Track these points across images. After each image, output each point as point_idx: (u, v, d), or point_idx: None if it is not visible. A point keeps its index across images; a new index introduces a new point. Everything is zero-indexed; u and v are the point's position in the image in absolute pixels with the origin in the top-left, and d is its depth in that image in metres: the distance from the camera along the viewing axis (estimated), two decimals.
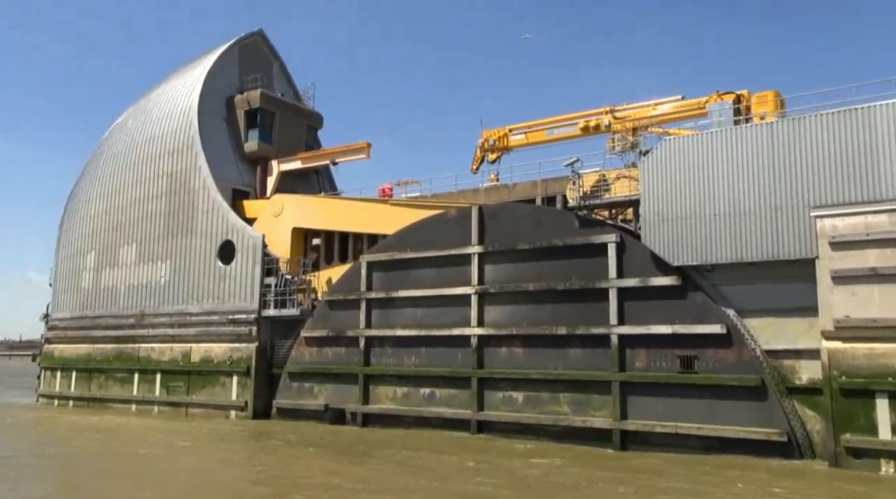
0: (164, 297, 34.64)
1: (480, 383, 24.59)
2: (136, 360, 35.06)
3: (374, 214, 30.47)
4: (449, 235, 26.22)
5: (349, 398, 27.82)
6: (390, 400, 26.84)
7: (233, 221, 32.77)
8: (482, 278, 25.20)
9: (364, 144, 34.16)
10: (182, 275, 34.06)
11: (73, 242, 40.25)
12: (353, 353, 28.11)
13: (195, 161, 34.80)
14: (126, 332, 35.85)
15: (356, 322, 28.10)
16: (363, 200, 31.41)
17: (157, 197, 36.01)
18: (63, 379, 38.41)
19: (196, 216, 34.09)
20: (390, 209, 30.07)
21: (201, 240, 33.67)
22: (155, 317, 34.78)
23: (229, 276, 32.37)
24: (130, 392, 34.91)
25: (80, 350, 37.85)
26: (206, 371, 32.22)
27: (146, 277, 35.58)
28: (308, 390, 29.20)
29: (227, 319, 31.90)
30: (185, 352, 33.22)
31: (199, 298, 33.20)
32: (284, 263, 32.05)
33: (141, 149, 37.50)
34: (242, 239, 32.19)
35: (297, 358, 29.74)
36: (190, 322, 33.31)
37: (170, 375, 33.54)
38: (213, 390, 31.84)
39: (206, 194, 33.97)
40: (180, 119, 36.06)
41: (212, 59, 37.81)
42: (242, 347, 31.27)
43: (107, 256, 37.78)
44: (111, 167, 38.98)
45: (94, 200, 39.52)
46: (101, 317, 37.23)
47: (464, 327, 25.22)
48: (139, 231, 36.43)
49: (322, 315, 29.32)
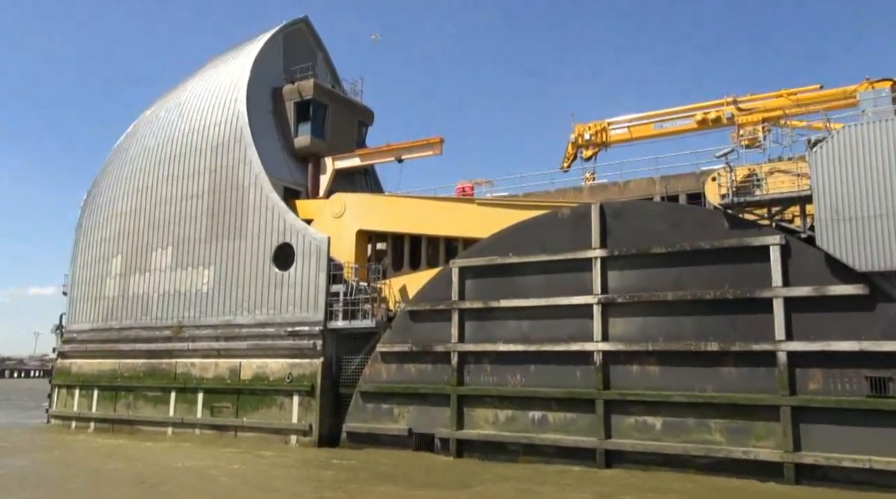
0: (206, 306, 30.97)
1: (607, 407, 21.45)
2: (173, 377, 31.26)
3: (457, 216, 27.31)
4: (561, 238, 23.18)
5: (438, 422, 24.47)
6: (491, 425, 23.54)
7: (291, 222, 29.33)
8: (605, 286, 22.15)
9: (436, 139, 31.03)
10: (229, 282, 30.46)
11: (95, 246, 36.36)
12: (442, 370, 24.80)
13: (244, 155, 31.34)
14: (160, 345, 32.05)
15: (446, 335, 24.83)
16: (444, 200, 28.22)
17: (197, 195, 32.41)
18: (83, 398, 34.36)
19: (246, 216, 30.58)
20: (478, 210, 26.95)
21: (253, 243, 30.15)
22: (196, 329, 31.06)
23: (287, 283, 28.87)
24: (166, 413, 31.06)
25: (104, 366, 33.89)
26: (259, 390, 28.59)
27: (184, 285, 31.87)
28: (386, 413, 25.76)
29: (285, 331, 28.37)
30: (234, 368, 29.56)
31: (251, 308, 29.62)
32: (349, 269, 28.71)
33: (177, 143, 33.92)
34: (303, 242, 28.76)
35: (373, 376, 26.31)
36: (239, 335, 29.68)
37: (215, 394, 29.81)
38: (269, 412, 28.20)
39: (259, 192, 30.50)
40: (225, 110, 32.60)
41: (257, 47, 34.49)
42: (305, 363, 27.74)
43: (136, 261, 33.99)
44: (141, 163, 35.28)
45: (120, 198, 35.74)
46: (129, 329, 33.37)
47: (584, 342, 22.11)
48: (176, 233, 32.75)
49: (402, 328, 25.97)
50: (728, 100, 24.85)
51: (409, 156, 31.80)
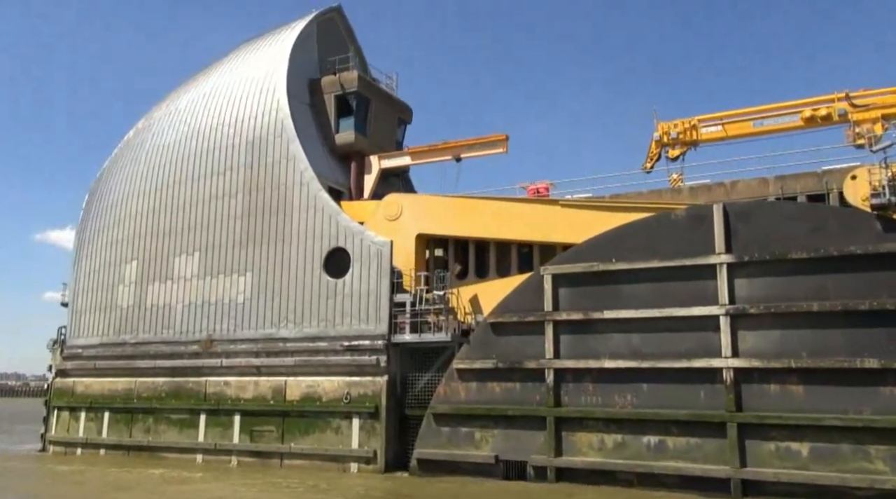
0: (242, 318, 27.72)
1: (741, 431, 19.12)
2: (203, 397, 27.85)
3: (537, 218, 24.87)
4: (675, 242, 20.89)
5: (531, 448, 21.81)
6: (596, 451, 20.98)
7: (345, 224, 26.40)
8: (733, 295, 19.91)
9: (501, 136, 28.53)
10: (270, 291, 27.31)
11: (103, 251, 32.67)
12: (533, 389, 22.18)
13: (286, 151, 28.32)
14: (186, 362, 28.61)
15: (538, 350, 22.25)
16: (521, 201, 25.70)
17: (229, 194, 29.21)
18: (90, 422, 30.55)
19: (290, 218, 27.52)
20: (561, 212, 24.57)
21: (299, 247, 27.10)
22: (230, 343, 27.77)
23: (342, 292, 25.91)
24: (194, 438, 27.60)
25: (117, 385, 30.20)
26: (310, 412, 25.46)
27: (215, 294, 28.55)
28: (466, 437, 22.97)
29: (341, 345, 25.36)
30: (278, 387, 26.36)
31: (297, 320, 26.51)
32: (409, 276, 25.96)
33: (204, 138, 30.66)
34: (361, 246, 25.87)
35: (448, 396, 23.51)
36: (284, 350, 26.53)
37: (255, 416, 26.54)
38: (323, 437, 25.09)
39: (306, 191, 27.50)
40: (263, 102, 29.55)
41: (293, 34, 31.56)
42: (366, 382, 24.78)
43: (155, 268, 30.50)
44: (159, 159, 31.85)
45: (133, 198, 32.20)
46: (147, 343, 29.81)
47: (710, 358, 19.79)
48: (203, 236, 29.44)
49: (483, 342, 23.28)
50: (839, 95, 23.06)
51: (469, 154, 29.18)
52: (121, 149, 34.87)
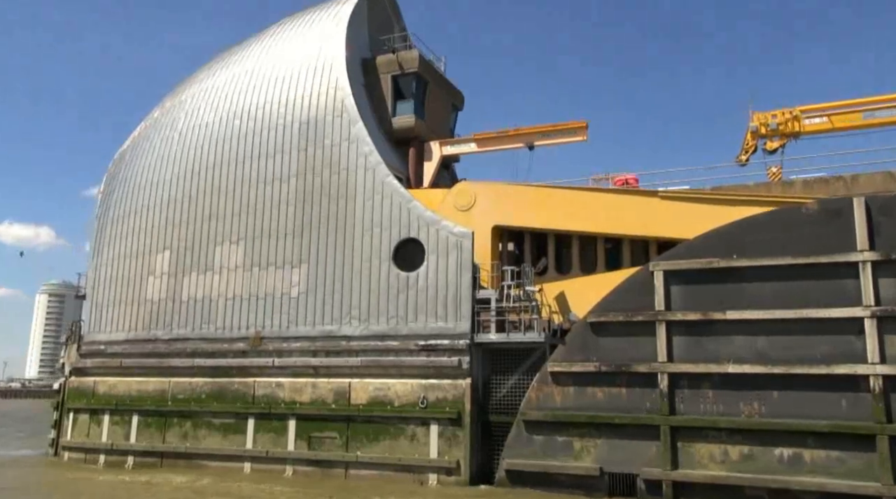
0: (297, 313, 25.27)
1: (893, 443, 17.54)
2: (251, 400, 25.30)
3: (632, 211, 23.07)
4: (807, 238, 19.25)
5: (641, 459, 19.92)
6: (719, 464, 19.17)
7: (419, 213, 24.20)
8: (878, 296, 18.34)
9: (580, 123, 26.66)
10: (329, 284, 24.94)
11: (128, 239, 29.80)
12: (642, 395, 20.31)
13: (349, 132, 26.01)
14: (231, 361, 26.02)
15: (649, 353, 20.39)
16: (616, 192, 23.83)
17: (280, 178, 26.73)
18: (116, 426, 27.65)
19: (353, 205, 25.21)
20: (661, 204, 22.80)
21: (363, 237, 24.81)
22: (283, 341, 25.28)
23: (415, 286, 23.70)
24: (241, 445, 25.03)
25: (147, 385, 27.40)
26: (379, 418, 23.18)
27: (264, 287, 26.03)
28: (563, 447, 20.97)
29: (416, 345, 23.15)
30: (340, 390, 24.00)
31: (363, 316, 24.20)
32: (486, 270, 23.97)
33: (248, 117, 28.12)
34: (437, 237, 23.71)
35: (542, 401, 21.49)
36: (347, 349, 24.19)
37: (314, 421, 24.13)
38: (395, 445, 22.83)
39: (371, 176, 25.23)
40: (319, 80, 27.17)
41: (348, 9, 29.25)
42: (445, 385, 22.61)
43: (192, 258, 27.81)
44: (195, 140, 29.16)
45: (164, 182, 29.43)
46: (184, 340, 27.09)
47: (854, 364, 18.16)
48: (250, 224, 26.90)
49: (581, 343, 21.34)
50: None
51: (544, 142, 27.23)
52: (146, 129, 32.02)
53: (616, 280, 22.42)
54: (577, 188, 24.33)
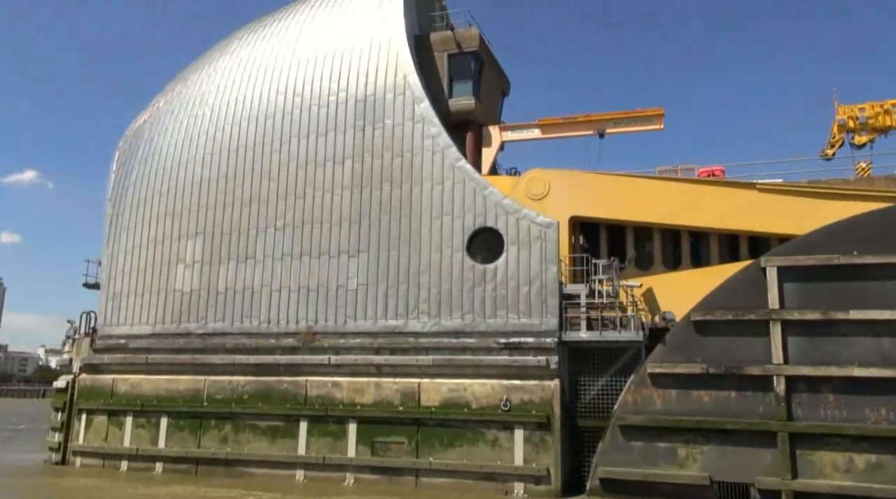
0: (356, 307, 23.18)
1: None
2: (303, 401, 23.08)
3: (726, 203, 21.83)
4: None
5: (754, 468, 18.65)
6: (843, 473, 18.03)
7: (497, 200, 22.43)
8: None
9: (656, 110, 25.28)
10: (393, 276, 22.94)
11: (152, 224, 27.05)
12: (754, 399, 19.05)
13: (413, 111, 24.03)
14: (279, 357, 23.73)
15: (758, 354, 19.15)
16: (710, 184, 22.50)
17: (334, 160, 24.55)
18: (140, 429, 24.97)
19: (420, 190, 23.26)
20: (757, 197, 21.63)
21: (432, 225, 22.90)
22: (339, 337, 23.16)
23: (493, 279, 21.93)
24: (293, 450, 22.79)
25: (178, 384, 24.82)
26: (455, 421, 21.33)
27: (316, 278, 23.84)
28: (665, 454, 19.55)
29: (497, 342, 21.39)
30: (409, 390, 22.03)
31: (433, 311, 22.30)
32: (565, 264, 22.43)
33: (294, 93, 25.78)
34: (518, 226, 21.99)
35: (640, 405, 20.02)
36: (416, 346, 22.25)
37: (378, 425, 22.10)
38: (474, 451, 21.01)
39: (440, 159, 23.32)
40: (377, 55, 25.06)
41: None
42: (531, 386, 20.92)
43: (229, 245, 25.33)
44: (231, 116, 26.62)
45: (193, 162, 26.81)
46: (221, 334, 24.63)
47: None
48: (298, 209, 24.63)
49: (683, 343, 19.95)
50: None
51: (616, 130, 25.76)
52: (166, 104, 29.23)
53: (708, 277, 21.26)
54: (664, 179, 22.96)
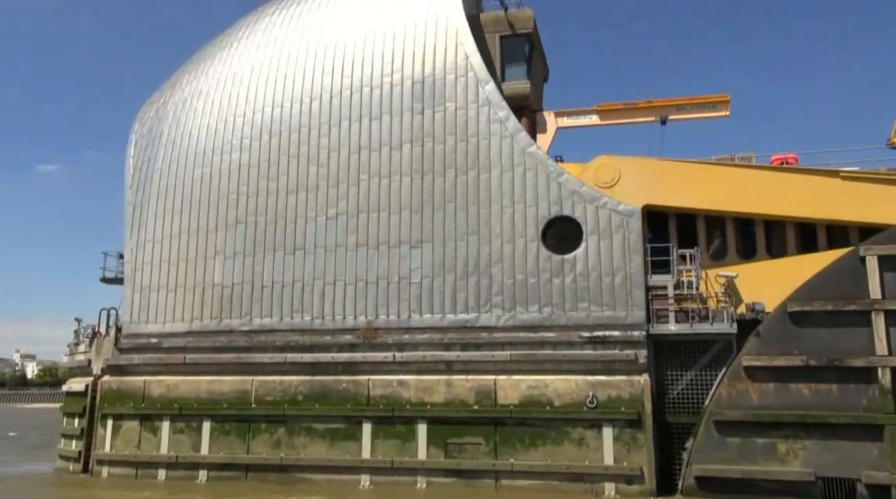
0: (421, 301, 21.85)
1: None
2: (365, 401, 21.64)
3: (810, 192, 21.26)
4: None
5: (861, 462, 18.15)
6: None
7: (573, 187, 21.41)
8: None
9: (721, 97, 24.61)
10: (461, 267, 21.69)
11: (184, 212, 25.05)
12: (857, 392, 18.55)
13: (477, 94, 22.77)
14: (336, 355, 22.20)
15: (861, 345, 18.65)
16: (792, 171, 21.88)
17: (390, 145, 23.10)
18: (178, 434, 23.06)
19: (489, 177, 22.05)
20: (841, 185, 21.11)
21: (503, 214, 21.74)
22: (404, 333, 21.79)
23: (572, 270, 20.93)
24: (356, 454, 21.33)
25: (222, 385, 23.02)
26: (536, 420, 20.25)
27: (375, 270, 22.39)
28: (764, 450, 18.89)
29: (580, 336, 20.39)
30: (484, 388, 20.84)
31: (507, 305, 21.15)
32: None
33: (343, 74, 24.16)
34: (598, 215, 21.03)
35: (735, 399, 19.31)
36: (490, 341, 21.07)
37: (451, 425, 20.85)
38: (558, 451, 19.96)
39: (510, 145, 22.15)
40: (433, 33, 23.69)
41: None
42: (618, 382, 20.00)
43: (275, 234, 23.62)
44: (271, 97, 24.82)
45: (232, 146, 24.89)
46: (269, 331, 22.93)
47: None
48: (353, 196, 23.11)
49: (779, 334, 19.33)
50: None
51: (679, 116, 24.99)
52: (191, 82, 27.16)
53: (786, 267, 20.78)
54: (745, 166, 22.26)
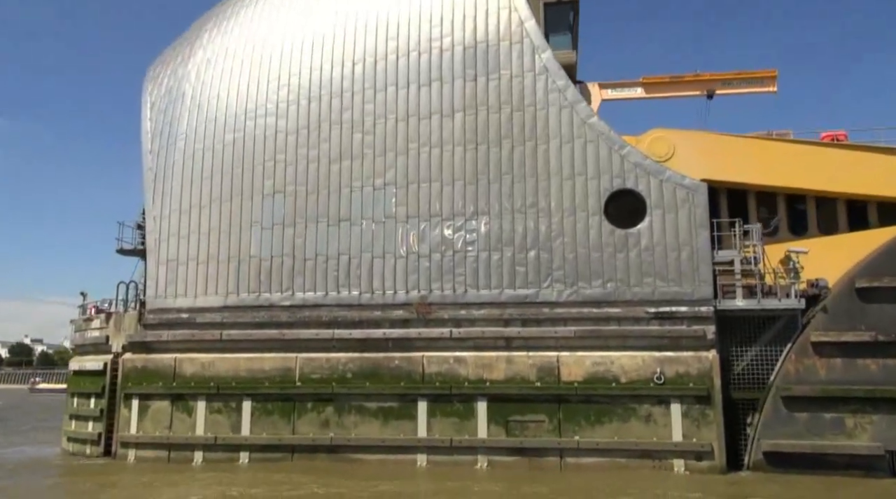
0: (477, 275, 21.15)
1: None
2: (419, 379, 20.89)
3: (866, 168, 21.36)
4: None
5: None
6: None
7: (636, 160, 20.96)
8: None
9: (770, 71, 24.42)
10: (520, 241, 21.06)
11: (214, 179, 23.57)
12: None
13: (533, 62, 22.01)
14: (388, 331, 21.34)
15: None
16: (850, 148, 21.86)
17: (441, 113, 22.16)
18: (215, 414, 21.85)
19: (547, 148, 21.39)
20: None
21: (563, 186, 21.16)
22: (460, 308, 21.07)
23: (636, 245, 20.56)
24: (411, 433, 20.61)
25: (262, 363, 21.87)
26: (602, 397, 19.90)
27: (427, 244, 21.55)
28: (832, 425, 19.02)
29: (647, 312, 20.08)
30: (546, 365, 20.35)
31: (570, 279, 20.65)
32: None
33: (388, 37, 23.00)
34: (662, 188, 20.67)
35: (802, 375, 19.37)
36: (552, 317, 20.56)
37: (513, 403, 20.32)
38: (625, 428, 19.68)
39: (569, 115, 21.50)
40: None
41: None
42: (686, 358, 19.79)
43: (316, 205, 22.45)
44: (308, 59, 23.46)
45: (264, 111, 23.52)
46: (314, 306, 21.87)
47: None
48: (399, 167, 22.13)
49: (845, 310, 19.45)
50: None
51: (726, 91, 24.72)
52: (213, 40, 25.48)
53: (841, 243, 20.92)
54: (800, 142, 22.17)
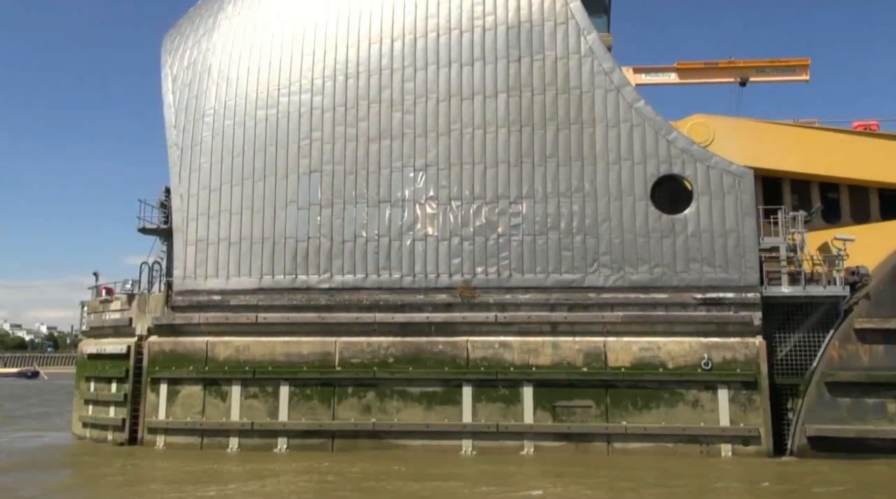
0: (523, 259, 20.95)
1: None
2: (463, 363, 20.68)
3: None
4: None
5: None
6: None
7: (682, 146, 20.91)
8: None
9: (803, 60, 24.53)
10: (566, 225, 20.90)
11: (245, 157, 22.82)
12: None
13: (578, 44, 21.72)
14: (431, 315, 21.04)
15: None
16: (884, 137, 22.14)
17: (484, 94, 21.80)
18: (251, 399, 21.33)
19: (594, 132, 21.20)
20: None
21: (609, 171, 21.03)
22: (505, 292, 20.87)
23: (683, 231, 20.58)
24: (456, 419, 20.42)
25: (300, 347, 21.39)
26: (649, 382, 19.96)
27: (471, 226, 21.26)
28: (875, 409, 19.42)
29: (694, 298, 20.15)
30: (593, 350, 20.31)
31: (616, 264, 20.60)
32: None
33: (427, 15, 22.45)
34: (709, 174, 20.68)
35: (845, 361, 19.70)
36: (601, 302, 20.51)
37: (558, 388, 20.26)
38: (672, 413, 19.79)
39: (615, 99, 21.31)
40: None
41: None
42: (733, 344, 19.95)
43: (356, 186, 21.93)
44: (344, 36, 22.80)
45: (298, 87, 22.82)
46: (353, 289, 21.43)
47: None
48: (441, 148, 21.74)
49: (890, 297, 19.80)
50: None
51: (760, 79, 24.79)
52: (241, 12, 24.58)
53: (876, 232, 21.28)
54: (838, 130, 22.39)
